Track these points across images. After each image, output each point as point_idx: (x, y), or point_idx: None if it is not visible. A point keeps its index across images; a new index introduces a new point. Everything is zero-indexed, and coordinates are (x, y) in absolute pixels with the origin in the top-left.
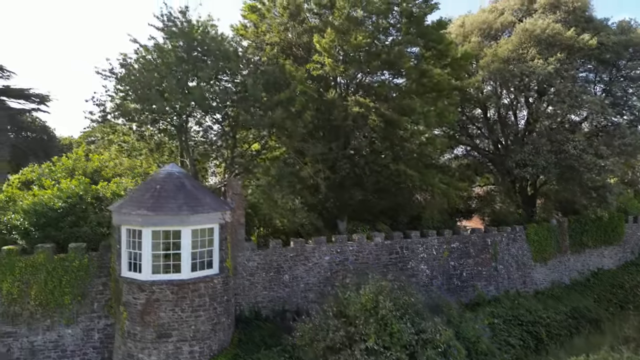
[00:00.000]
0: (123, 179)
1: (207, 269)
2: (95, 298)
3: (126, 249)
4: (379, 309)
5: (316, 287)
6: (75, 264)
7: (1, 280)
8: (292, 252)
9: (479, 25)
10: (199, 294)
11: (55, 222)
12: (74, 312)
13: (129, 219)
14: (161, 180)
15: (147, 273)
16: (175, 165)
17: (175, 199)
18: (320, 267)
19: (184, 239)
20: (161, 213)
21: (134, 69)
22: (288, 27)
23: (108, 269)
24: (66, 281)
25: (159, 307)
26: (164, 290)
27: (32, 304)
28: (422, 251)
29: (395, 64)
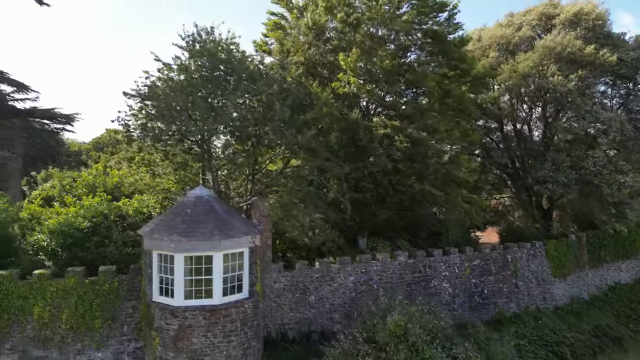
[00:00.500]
0: (144, 196)
1: (237, 293)
2: (125, 321)
3: (157, 273)
4: (409, 335)
5: (341, 308)
6: (105, 288)
7: (33, 304)
8: (318, 272)
9: (497, 39)
10: (231, 319)
11: (82, 242)
12: (104, 335)
13: (161, 245)
14: (191, 204)
15: (179, 298)
16: (204, 187)
17: (206, 223)
18: (345, 288)
19: (216, 264)
20: (193, 239)
21: (159, 87)
22: (312, 46)
23: (138, 292)
24: (97, 305)
25: (191, 332)
26: (197, 316)
27: (63, 328)
28: (445, 269)
29: (419, 83)
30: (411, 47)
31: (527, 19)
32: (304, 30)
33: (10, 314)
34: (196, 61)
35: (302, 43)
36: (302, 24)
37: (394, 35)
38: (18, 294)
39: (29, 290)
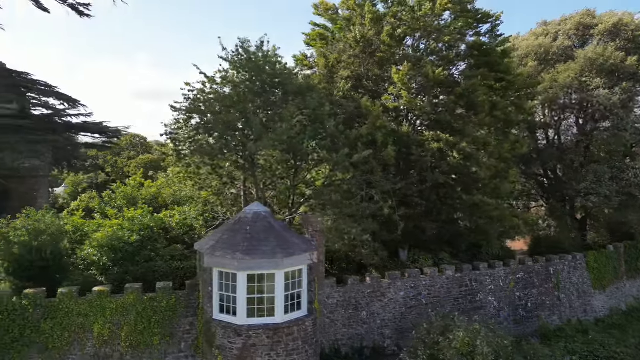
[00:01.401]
0: (185, 208)
1: (296, 311)
2: (183, 338)
3: (218, 291)
4: (476, 354)
5: (392, 324)
6: (164, 304)
7: (93, 322)
8: (369, 288)
9: (534, 49)
10: (293, 337)
11: (132, 256)
12: (163, 352)
13: (223, 262)
14: (250, 221)
15: (242, 317)
16: (260, 204)
17: (267, 241)
18: (395, 303)
19: (278, 282)
20: (256, 257)
21: (208, 101)
22: (359, 59)
23: (195, 309)
24: (155, 321)
25: (255, 352)
26: (260, 335)
27: (123, 345)
28: (490, 283)
29: (469, 96)
30: (454, 60)
31: (564, 29)
32: (352, 43)
33: (71, 332)
34: (244, 75)
35: (349, 56)
36: (350, 37)
37: (440, 46)
38: (78, 311)
39: (89, 308)
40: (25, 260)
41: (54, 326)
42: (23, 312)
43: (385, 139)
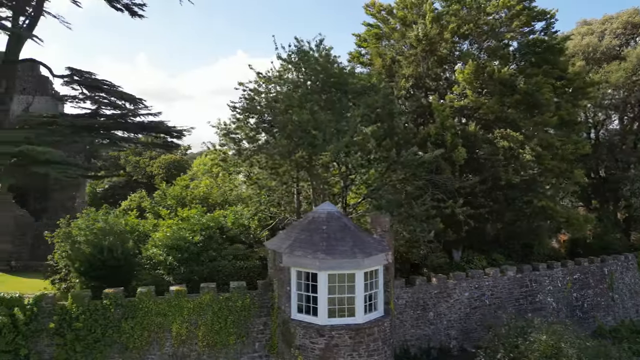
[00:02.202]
0: (237, 208)
1: (373, 311)
2: (257, 338)
3: (296, 290)
4: (561, 356)
5: (457, 324)
6: (238, 304)
7: (171, 321)
8: (436, 289)
9: (582, 48)
10: (374, 338)
11: (197, 256)
12: (238, 352)
13: (303, 262)
14: (324, 221)
15: (323, 317)
16: (330, 204)
17: (345, 241)
18: (460, 304)
19: (358, 282)
20: (338, 257)
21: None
22: (420, 58)
23: (268, 309)
24: (231, 321)
25: (337, 352)
26: (343, 335)
27: (200, 344)
28: (548, 283)
29: (533, 95)
30: (514, 59)
31: (610, 28)
32: (413, 42)
33: (151, 331)
34: (305, 75)
35: (409, 55)
36: (412, 36)
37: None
38: (157, 311)
39: (167, 307)
40: (97, 259)
41: (134, 326)
42: (104, 312)
43: (454, 138)
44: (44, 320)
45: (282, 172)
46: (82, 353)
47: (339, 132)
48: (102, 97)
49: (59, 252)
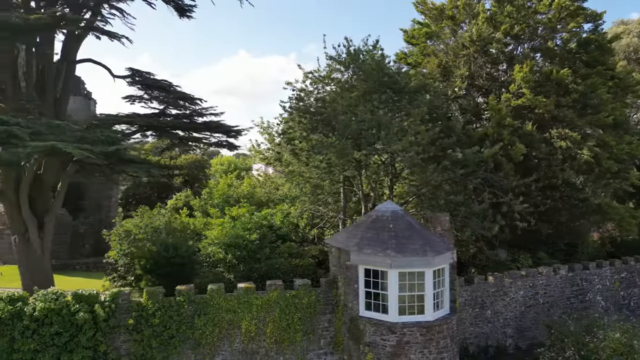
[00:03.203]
0: (284, 206)
1: (440, 309)
2: (322, 335)
3: (364, 288)
4: (633, 353)
5: (513, 322)
6: (305, 301)
7: (241, 318)
8: (493, 287)
9: (622, 48)
10: (443, 335)
11: (254, 254)
12: (304, 349)
13: (373, 260)
14: (390, 219)
15: (394, 314)
16: (392, 202)
17: (413, 239)
18: (516, 302)
19: (427, 280)
20: (409, 255)
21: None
22: (473, 58)
23: (332, 306)
24: (297, 318)
25: (409, 349)
26: (414, 333)
27: (268, 341)
28: (598, 282)
29: (588, 96)
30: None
31: None
32: (466, 42)
33: (222, 327)
34: (362, 75)
35: (463, 55)
36: (465, 36)
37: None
38: (227, 307)
39: (237, 304)
40: (162, 257)
41: (206, 322)
42: (178, 309)
43: (511, 137)
44: (121, 316)
45: (337, 171)
46: (158, 349)
47: (400, 131)
48: (166, 97)
49: (117, 250)
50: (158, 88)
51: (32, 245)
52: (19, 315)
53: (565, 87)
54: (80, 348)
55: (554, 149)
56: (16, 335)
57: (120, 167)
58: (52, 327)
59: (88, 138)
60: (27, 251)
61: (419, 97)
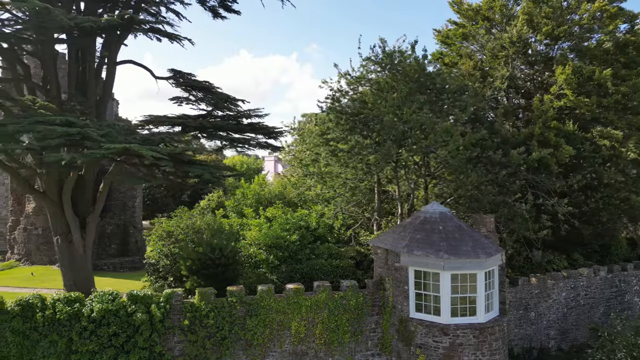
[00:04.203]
0: (318, 207)
1: (490, 311)
2: (369, 336)
3: (414, 289)
4: None
5: (555, 324)
6: (352, 302)
7: (291, 319)
8: (537, 288)
9: None
10: (495, 337)
11: (295, 254)
12: (352, 350)
13: (425, 262)
14: (439, 221)
15: (446, 316)
16: (438, 204)
17: (464, 241)
18: (558, 304)
19: (479, 282)
20: (461, 257)
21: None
22: (512, 59)
23: (379, 307)
24: (345, 319)
25: (462, 351)
26: (467, 335)
27: (317, 342)
28: (635, 283)
29: (630, 97)
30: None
31: None
32: (506, 43)
33: (272, 328)
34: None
35: (502, 56)
36: (505, 38)
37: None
38: (277, 308)
39: (286, 305)
40: (208, 258)
41: (257, 323)
42: (230, 310)
43: (557, 138)
44: (174, 317)
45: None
46: (212, 350)
47: (444, 132)
48: (213, 99)
49: (158, 250)
50: (200, 89)
51: (75, 245)
52: (76, 316)
53: (606, 88)
54: (137, 349)
55: (597, 148)
56: (74, 337)
57: (183, 169)
58: (109, 328)
59: (153, 139)
60: (70, 251)
61: (463, 98)
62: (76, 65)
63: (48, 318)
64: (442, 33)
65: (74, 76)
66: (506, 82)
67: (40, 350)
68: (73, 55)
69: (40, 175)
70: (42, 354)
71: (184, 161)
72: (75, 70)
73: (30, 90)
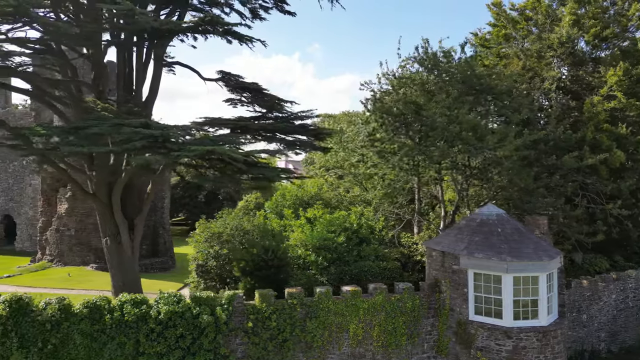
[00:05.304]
0: (357, 208)
1: (550, 314)
2: (425, 339)
3: (473, 292)
4: None
5: (606, 326)
6: (409, 305)
7: (349, 321)
8: (588, 291)
9: None
10: (557, 340)
11: (343, 256)
12: (409, 352)
13: (487, 264)
14: (497, 223)
15: (508, 319)
16: (494, 206)
17: (525, 244)
18: (608, 306)
19: (541, 284)
20: (524, 259)
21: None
22: (558, 61)
23: (434, 310)
24: (402, 322)
25: (525, 354)
26: (531, 338)
27: (374, 345)
28: None
29: None
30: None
31: None
32: (555, 44)
33: (331, 331)
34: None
35: (550, 57)
36: (553, 38)
37: None
38: (335, 310)
39: (344, 307)
40: (261, 259)
41: (317, 325)
42: (290, 312)
43: (610, 141)
44: (236, 319)
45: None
46: (274, 352)
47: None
48: (269, 101)
49: (206, 252)
50: (250, 91)
51: (123, 246)
52: (143, 318)
53: None
54: (203, 351)
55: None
56: (141, 338)
57: (253, 171)
58: (176, 329)
59: (223, 141)
60: (119, 253)
61: (515, 100)
62: (123, 66)
63: (116, 320)
64: (480, 35)
65: (122, 77)
66: (555, 84)
67: (108, 352)
68: (121, 57)
69: (90, 178)
70: (109, 356)
71: (254, 163)
72: (123, 72)
73: (78, 91)
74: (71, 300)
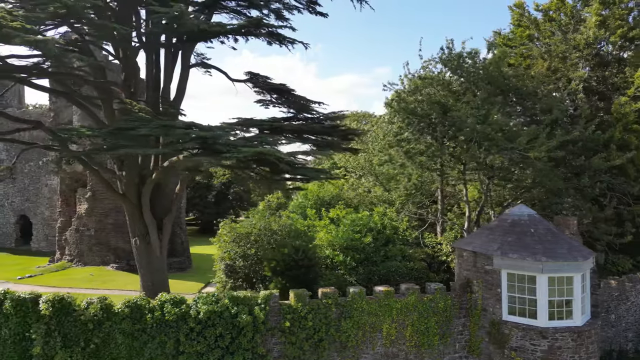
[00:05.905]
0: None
1: (584, 314)
2: (457, 339)
3: (507, 292)
4: None
5: (633, 326)
6: (441, 305)
7: (382, 321)
8: (616, 291)
9: None
10: (591, 340)
11: (370, 256)
12: (441, 352)
13: (521, 265)
14: (529, 223)
15: (543, 319)
16: (525, 206)
17: (558, 244)
18: (635, 306)
19: (576, 284)
20: (559, 260)
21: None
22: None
23: (465, 310)
24: (434, 322)
25: (560, 354)
26: (566, 338)
27: (407, 345)
28: None
29: None
30: None
31: None
32: (581, 45)
33: (365, 330)
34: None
35: (576, 57)
36: (579, 39)
37: None
38: (369, 310)
39: (378, 307)
40: (291, 259)
41: (352, 325)
42: (325, 311)
43: (638, 141)
44: (272, 319)
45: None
46: (309, 351)
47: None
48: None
49: (234, 252)
50: (279, 92)
51: (152, 246)
52: (183, 317)
53: None
54: (241, 350)
55: None
56: (181, 338)
57: (295, 172)
58: (215, 329)
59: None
60: (148, 253)
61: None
62: (151, 67)
63: (157, 319)
64: (502, 36)
65: (151, 78)
66: (581, 84)
67: (148, 351)
68: (150, 58)
69: (120, 178)
70: (150, 355)
71: (296, 164)
72: (151, 73)
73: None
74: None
